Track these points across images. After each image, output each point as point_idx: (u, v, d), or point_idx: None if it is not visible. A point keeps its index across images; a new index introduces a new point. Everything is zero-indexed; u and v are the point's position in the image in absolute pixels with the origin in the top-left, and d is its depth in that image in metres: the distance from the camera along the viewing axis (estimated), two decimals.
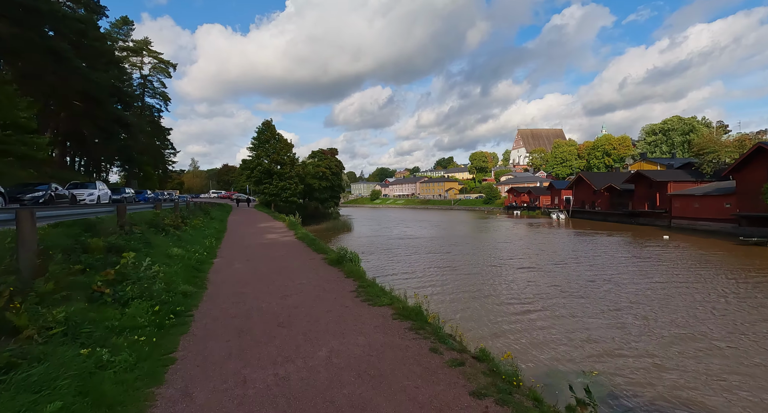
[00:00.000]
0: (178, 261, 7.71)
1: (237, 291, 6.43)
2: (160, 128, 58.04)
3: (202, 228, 15.45)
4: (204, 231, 14.83)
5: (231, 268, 8.60)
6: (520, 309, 11.51)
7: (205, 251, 10.14)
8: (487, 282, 16.27)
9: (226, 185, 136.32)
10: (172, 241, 9.49)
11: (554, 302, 12.50)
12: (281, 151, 41.58)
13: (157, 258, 7.10)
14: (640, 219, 46.36)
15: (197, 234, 13.27)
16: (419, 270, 19.86)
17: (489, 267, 20.63)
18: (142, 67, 52.58)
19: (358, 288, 6.51)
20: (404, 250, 29.38)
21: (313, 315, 5.07)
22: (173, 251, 8.27)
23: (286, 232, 17.22)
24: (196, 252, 9.34)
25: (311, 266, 8.87)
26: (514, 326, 9.93)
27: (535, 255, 24.96)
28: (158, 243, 8.60)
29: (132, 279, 5.04)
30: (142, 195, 30.11)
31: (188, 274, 7.14)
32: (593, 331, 9.52)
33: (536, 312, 11.29)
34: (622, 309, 11.56)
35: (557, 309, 11.66)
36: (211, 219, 21.88)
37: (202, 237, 12.94)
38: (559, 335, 9.31)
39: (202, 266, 8.38)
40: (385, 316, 4.95)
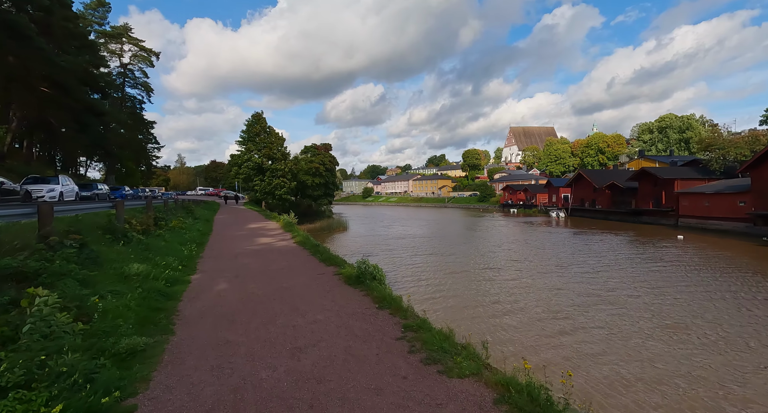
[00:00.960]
0: (135, 286, 5.40)
1: (219, 338, 4.18)
2: (142, 121, 54.61)
3: (182, 230, 13.04)
4: (184, 234, 12.42)
5: (213, 291, 6.31)
6: (565, 328, 9.48)
7: (181, 264, 7.80)
8: (509, 291, 14.22)
9: (214, 182, 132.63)
10: (135, 253, 7.14)
11: (596, 318, 10.52)
12: (273, 146, 38.94)
13: (102, 286, 4.81)
14: (643, 218, 45.12)
15: (175, 238, 10.88)
16: (428, 275, 17.75)
17: (502, 271, 18.63)
18: (122, 55, 49.15)
19: (405, 331, 4.32)
20: (406, 251, 27.30)
21: (352, 400, 2.88)
22: (132, 269, 5.95)
23: (281, 235, 14.90)
24: (168, 268, 7.03)
25: (323, 286, 6.63)
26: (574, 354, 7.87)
27: (548, 257, 23.09)
28: (112, 258, 6.25)
29: (25, 342, 2.77)
30: (118, 192, 27.29)
31: (147, 307, 4.85)
32: (665, 363, 7.51)
33: (583, 332, 9.27)
34: (681, 327, 9.61)
35: (606, 327, 9.66)
36: (194, 219, 19.39)
37: (180, 243, 10.56)
38: (635, 370, 7.28)
39: (172, 289, 6.07)
40: (485, 407, 2.79)
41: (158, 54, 52.20)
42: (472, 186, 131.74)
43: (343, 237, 37.29)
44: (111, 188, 27.96)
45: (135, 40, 49.21)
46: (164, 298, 5.56)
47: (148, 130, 57.48)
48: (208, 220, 20.41)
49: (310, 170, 51.40)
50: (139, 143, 53.57)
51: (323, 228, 42.12)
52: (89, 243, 6.18)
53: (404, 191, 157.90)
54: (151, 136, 59.29)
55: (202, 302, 5.65)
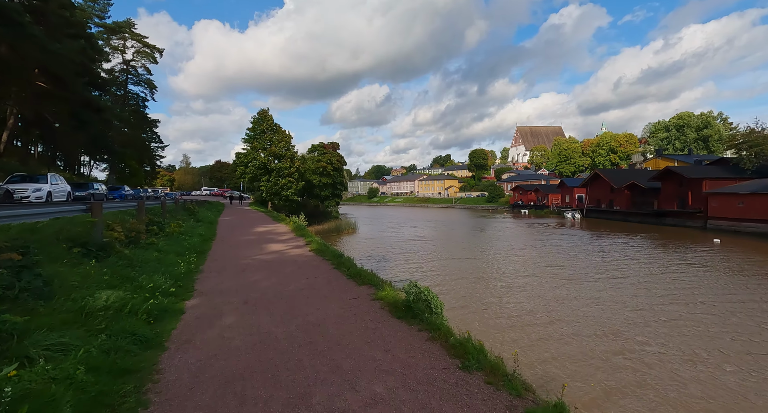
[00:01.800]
0: (99, 328, 3.66)
1: None
2: (145, 119, 53.24)
3: (181, 236, 11.32)
4: (183, 241, 10.69)
5: (213, 329, 4.54)
6: (624, 349, 7.61)
7: (174, 284, 6.05)
8: (545, 303, 12.35)
9: (218, 182, 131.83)
10: (112, 272, 5.40)
11: (653, 337, 8.66)
12: (280, 144, 37.26)
13: (41, 336, 3.07)
14: (667, 220, 42.92)
15: (171, 247, 9.15)
16: (451, 283, 15.97)
17: (531, 278, 16.74)
18: (125, 51, 47.79)
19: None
20: (421, 255, 25.54)
21: None
22: (99, 299, 4.20)
23: (293, 240, 13.14)
24: (156, 292, 5.28)
25: (364, 321, 4.82)
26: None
27: (576, 262, 21.15)
28: (73, 283, 4.50)
29: None
30: (117, 192, 25.75)
31: (108, 371, 3.06)
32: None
33: (642, 353, 7.39)
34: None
35: (669, 350, 7.79)
36: (197, 222, 17.70)
37: (177, 252, 8.82)
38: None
39: (155, 329, 4.31)
40: None
41: (161, 50, 50.84)
42: (479, 186, 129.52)
43: (353, 239, 35.55)
44: (109, 188, 26.42)
45: (138, 36, 47.84)
46: (141, 346, 3.78)
47: (152, 128, 56.14)
48: (211, 223, 18.72)
49: (317, 169, 49.70)
50: (142, 142, 52.19)
51: (332, 230, 40.37)
52: (42, 262, 4.44)
53: (410, 191, 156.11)
54: (154, 134, 57.96)
55: (197, 352, 3.87)
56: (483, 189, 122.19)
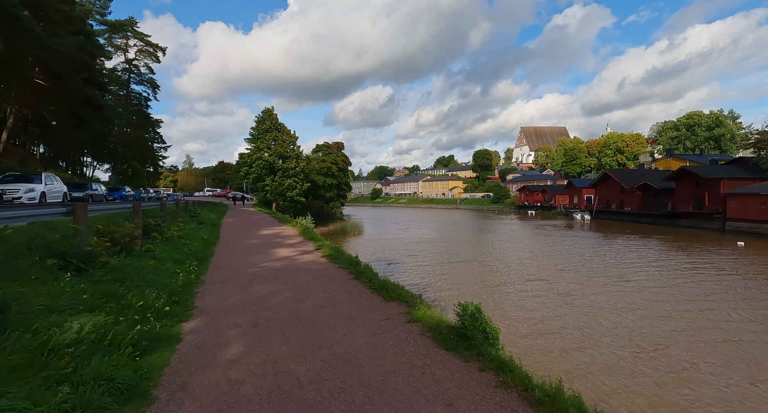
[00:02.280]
0: (65, 372, 2.71)
1: None
2: (148, 119, 52.52)
3: (181, 241, 10.37)
4: (184, 246, 9.75)
5: (218, 366, 3.57)
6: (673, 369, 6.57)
7: (168, 302, 5.08)
8: (570, 312, 11.31)
9: (222, 183, 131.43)
10: (93, 290, 4.44)
11: (705, 353, 7.61)
12: (285, 144, 36.34)
13: None
14: (681, 221, 41.67)
15: (170, 253, 8.20)
16: (465, 289, 14.95)
17: (549, 284, 15.67)
18: (127, 50, 47.10)
19: None
20: (430, 258, 24.61)
21: None
22: (70, 330, 3.24)
23: (303, 245, 12.17)
24: (146, 313, 4.33)
25: (406, 355, 3.82)
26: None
27: (596, 266, 20.04)
28: (37, 307, 3.55)
29: None
30: (118, 192, 24.90)
31: None
32: None
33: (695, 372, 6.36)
34: None
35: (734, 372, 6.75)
36: (199, 224, 16.78)
37: (176, 259, 7.86)
38: None
39: (142, 366, 3.33)
40: None
41: (164, 49, 50.11)
42: (484, 187, 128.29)
43: (359, 241, 34.59)
44: (109, 189, 25.59)
45: (140, 35, 47.15)
46: (119, 398, 2.80)
47: (155, 128, 55.40)
48: (214, 225, 17.78)
49: (322, 170, 48.80)
50: (144, 142, 51.48)
51: (337, 231, 39.44)
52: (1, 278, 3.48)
53: (413, 192, 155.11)
54: (157, 135, 57.23)
55: (194, 405, 2.88)
56: (488, 190, 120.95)
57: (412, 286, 15.48)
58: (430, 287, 15.61)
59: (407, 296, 5.79)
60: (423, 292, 14.67)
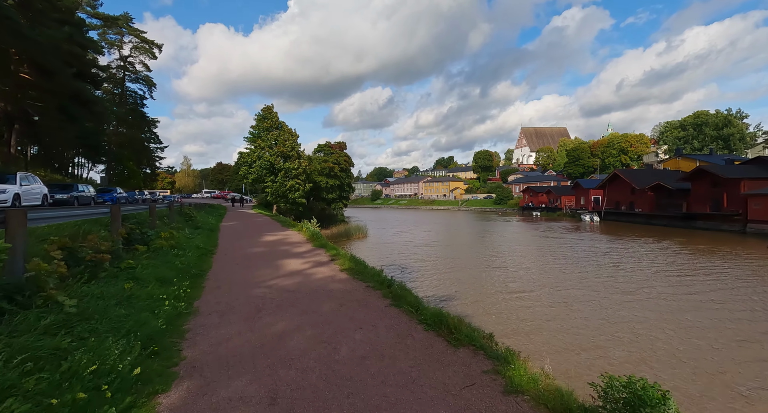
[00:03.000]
0: None
1: None
2: (144, 118, 50.76)
3: (172, 251, 8.71)
4: (174, 258, 8.08)
5: None
6: None
7: (140, 356, 3.43)
8: (615, 328, 9.65)
9: (220, 184, 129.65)
10: (11, 351, 2.83)
11: None
12: (287, 143, 34.67)
13: None
14: (698, 223, 40.14)
15: (155, 270, 6.54)
16: (489, 300, 13.33)
17: (575, 292, 14.05)
18: (122, 46, 45.40)
19: None
20: (442, 263, 23.07)
21: None
22: None
23: (314, 254, 10.52)
24: (105, 379, 2.71)
25: None
26: None
27: (625, 273, 18.43)
28: None
29: None
30: (109, 194, 23.17)
31: None
32: None
33: None
34: None
35: None
36: (195, 229, 15.10)
37: (161, 279, 6.19)
38: None
39: None
40: None
41: (160, 46, 48.40)
42: (485, 188, 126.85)
43: (365, 245, 32.94)
44: (99, 190, 23.88)
45: (135, 31, 45.44)
46: None
47: (151, 128, 53.63)
48: (212, 230, 16.09)
49: (323, 170, 47.15)
50: (140, 142, 49.71)
51: (341, 234, 37.78)
52: None
53: (414, 193, 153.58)
54: (153, 135, 55.45)
55: None
56: (490, 191, 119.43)
57: (435, 298, 13.88)
58: (454, 298, 13.99)
59: (479, 338, 4.14)
60: (448, 304, 13.05)
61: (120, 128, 46.59)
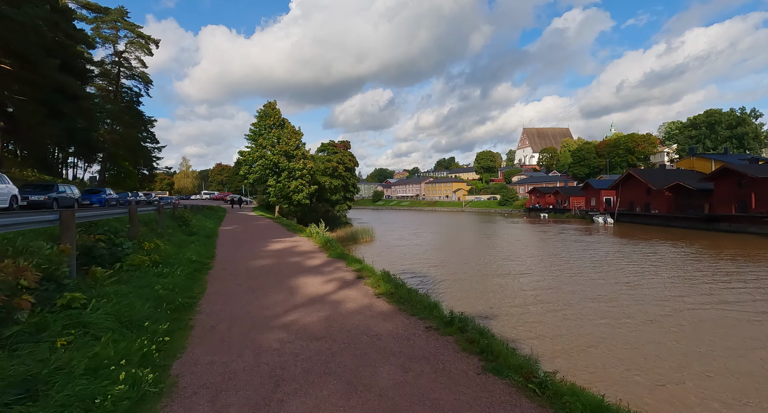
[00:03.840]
0: None
1: None
2: (140, 117, 48.71)
3: (155, 269, 6.68)
4: (155, 282, 6.03)
5: None
6: None
7: None
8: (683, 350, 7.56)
9: (220, 185, 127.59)
10: None
11: None
12: (291, 141, 32.66)
13: None
14: (721, 225, 38.14)
15: (122, 303, 4.53)
16: (527, 308, 11.23)
17: (617, 303, 11.97)
18: (117, 41, 43.39)
19: None
20: (464, 269, 21.07)
21: None
22: None
23: (334, 268, 8.48)
24: None
25: None
26: None
27: (671, 282, 16.30)
28: None
29: None
30: (97, 196, 21.09)
31: None
32: None
33: None
34: None
35: None
36: (189, 235, 13.07)
37: (125, 323, 4.15)
38: None
39: None
40: None
41: (157, 42, 46.40)
42: (489, 189, 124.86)
43: (374, 249, 30.87)
44: (86, 191, 21.87)
45: (131, 25, 43.48)
46: None
47: (147, 127, 51.56)
48: (209, 236, 14.05)
49: (327, 170, 45.18)
50: (136, 141, 47.61)
51: (348, 237, 35.72)
52: None
53: (416, 195, 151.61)
54: (150, 134, 53.38)
55: None
56: (493, 192, 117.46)
57: (472, 316, 11.86)
58: (492, 316, 11.94)
59: None
60: (489, 323, 11.04)
61: (115, 126, 44.57)
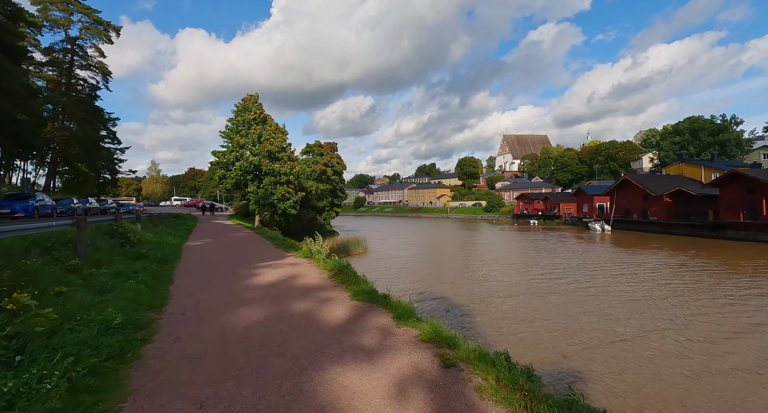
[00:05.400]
0: None
1: None
2: (97, 112, 42.98)
3: (47, 332, 2.71)
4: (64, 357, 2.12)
5: None
6: None
7: None
8: None
9: (193, 191, 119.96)
10: None
11: None
12: (275, 141, 28.43)
13: None
14: (728, 233, 36.63)
15: None
16: (586, 347, 7.69)
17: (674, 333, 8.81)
18: (69, 26, 37.88)
19: None
20: (482, 288, 17.56)
21: None
22: None
23: (371, 325, 4.65)
24: None
25: None
26: None
27: (698, 297, 13.38)
28: None
29: None
30: (22, 203, 16.17)
31: None
32: None
33: None
34: None
35: None
36: (135, 259, 8.84)
37: None
38: None
39: None
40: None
41: (119, 29, 41.13)
42: (473, 195, 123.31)
43: (372, 263, 26.90)
44: (8, 196, 16.99)
45: (86, 9, 38.14)
46: None
47: (107, 126, 45.77)
48: (166, 261, 9.79)
49: (314, 174, 41.01)
50: (93, 141, 41.83)
51: (339, 249, 31.64)
52: None
53: (398, 201, 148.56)
54: (111, 133, 47.51)
55: None
56: (478, 198, 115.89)
57: (548, 374, 8.22)
58: (582, 377, 8.37)
59: None
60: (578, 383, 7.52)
61: (67, 123, 38.86)
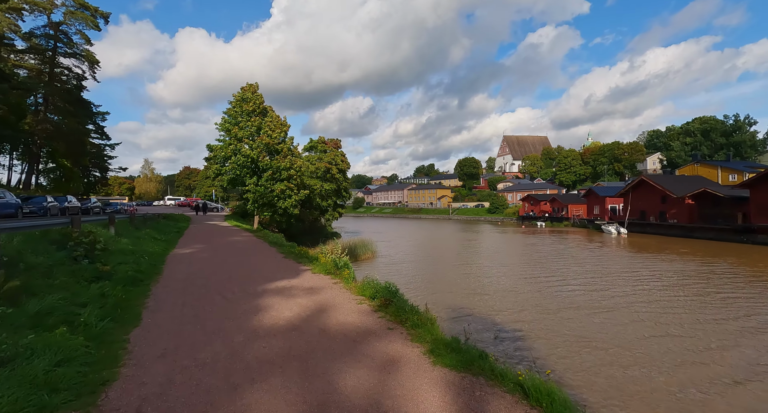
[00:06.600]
0: None
1: None
2: (82, 104, 39.98)
3: None
4: None
5: None
6: None
7: None
8: None
9: (187, 191, 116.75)
10: None
11: None
12: (274, 134, 25.72)
13: None
14: (758, 237, 34.39)
15: None
16: None
17: None
18: (51, 10, 34.95)
19: None
20: (521, 301, 14.96)
21: None
22: None
23: (454, 396, 2.00)
24: None
25: None
26: None
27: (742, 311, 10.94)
28: None
29: None
30: None
31: None
32: None
33: None
34: None
35: None
36: (93, 281, 6.14)
37: None
38: None
39: None
40: None
41: (107, 15, 38.19)
42: (475, 196, 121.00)
43: (384, 269, 24.16)
44: None
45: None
46: None
47: (94, 119, 42.80)
48: (139, 281, 7.08)
49: (317, 172, 38.31)
50: (78, 135, 38.84)
51: (345, 253, 29.10)
52: None
53: (398, 201, 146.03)
54: (99, 128, 44.52)
55: None
56: (480, 199, 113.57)
57: None
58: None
59: None
60: None
61: (49, 115, 35.94)
